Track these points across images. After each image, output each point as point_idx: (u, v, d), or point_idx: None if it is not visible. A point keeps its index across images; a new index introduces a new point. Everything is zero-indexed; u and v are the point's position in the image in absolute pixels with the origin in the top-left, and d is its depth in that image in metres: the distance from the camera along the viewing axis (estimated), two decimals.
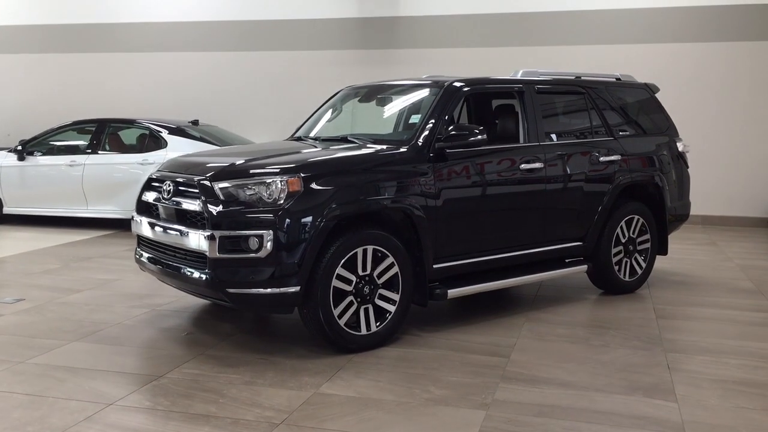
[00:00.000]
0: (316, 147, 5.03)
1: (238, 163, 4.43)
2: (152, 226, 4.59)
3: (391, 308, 4.40)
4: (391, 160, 4.57)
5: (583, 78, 5.89)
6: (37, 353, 4.29)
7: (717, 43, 10.05)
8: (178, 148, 8.48)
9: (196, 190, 4.26)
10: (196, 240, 4.14)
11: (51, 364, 4.11)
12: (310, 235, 4.05)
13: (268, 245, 3.99)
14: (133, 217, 4.89)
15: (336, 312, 4.17)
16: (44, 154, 9.38)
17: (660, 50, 10.19)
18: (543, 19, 10.58)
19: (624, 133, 5.92)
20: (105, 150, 9.17)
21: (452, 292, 4.68)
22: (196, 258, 4.22)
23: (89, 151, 9.15)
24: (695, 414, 3.47)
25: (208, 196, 4.17)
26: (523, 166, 5.09)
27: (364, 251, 4.26)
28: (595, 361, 4.23)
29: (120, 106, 11.75)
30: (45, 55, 12.64)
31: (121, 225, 9.03)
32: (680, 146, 6.35)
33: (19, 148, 9.39)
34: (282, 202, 4.07)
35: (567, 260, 5.52)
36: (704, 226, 10.00)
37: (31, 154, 9.35)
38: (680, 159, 6.33)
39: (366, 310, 4.32)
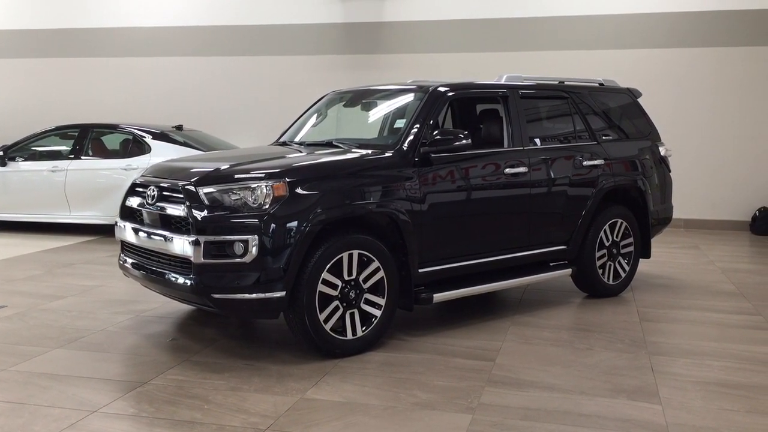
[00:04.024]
0: (301, 152, 5.03)
1: (222, 168, 4.41)
2: (136, 231, 4.56)
3: (377, 313, 4.40)
4: (376, 165, 4.57)
5: (566, 83, 5.94)
6: (20, 360, 4.25)
7: (700, 48, 10.17)
8: (161, 153, 8.44)
9: (181, 195, 4.24)
10: (181, 245, 4.12)
11: (34, 371, 4.07)
12: (296, 240, 4.04)
13: (254, 250, 3.98)
14: (116, 222, 4.86)
15: (322, 317, 4.17)
16: (26, 159, 9.29)
17: (643, 56, 10.29)
18: (527, 25, 10.66)
19: (607, 137, 5.97)
20: (88, 155, 9.09)
21: (438, 297, 4.69)
22: (180, 263, 4.20)
23: (72, 156, 9.07)
24: (679, 416, 3.50)
25: (193, 201, 4.15)
26: (507, 170, 5.11)
27: (350, 256, 4.26)
28: (580, 364, 4.26)
29: (103, 111, 11.67)
30: (27, 59, 12.54)
31: (104, 231, 8.96)
32: (662, 150, 6.42)
33: (1, 153, 9.29)
34: (267, 207, 4.06)
35: (551, 264, 5.56)
36: (687, 230, 10.10)
37: (12, 159, 9.26)
38: (662, 163, 6.39)
39: (352, 315, 4.32)
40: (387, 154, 4.65)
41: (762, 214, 9.93)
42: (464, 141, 4.70)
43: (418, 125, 4.78)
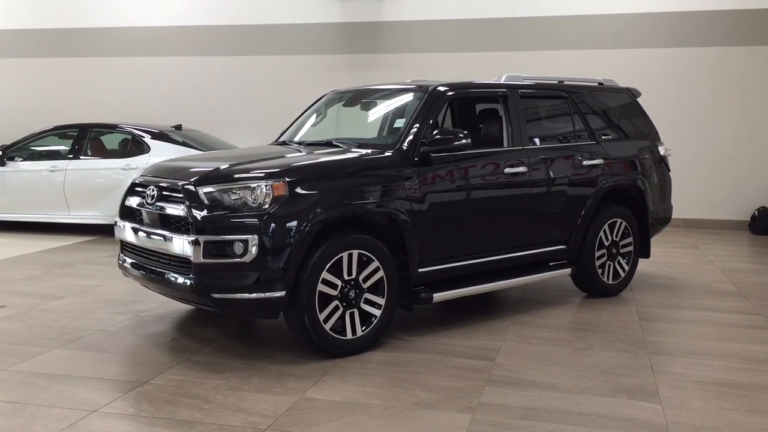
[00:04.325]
0: (300, 151, 5.02)
1: (222, 167, 4.41)
2: (136, 231, 4.55)
3: (377, 312, 4.40)
4: (376, 165, 4.57)
5: (565, 83, 5.94)
6: (19, 360, 4.25)
7: (699, 48, 10.18)
8: (161, 153, 8.44)
9: (180, 195, 4.23)
10: (181, 245, 4.12)
11: (33, 371, 4.07)
12: (296, 240, 4.04)
13: (253, 250, 3.98)
14: (116, 222, 4.85)
15: (321, 316, 4.17)
16: (25, 159, 9.28)
17: (643, 55, 10.30)
18: (526, 24, 10.66)
19: (606, 137, 5.97)
20: (87, 155, 9.08)
21: (437, 296, 4.69)
22: (180, 263, 4.19)
23: (71, 156, 9.07)
24: (679, 415, 3.50)
25: (193, 200, 4.15)
26: (507, 170, 5.11)
27: (350, 255, 4.26)
28: (580, 363, 4.26)
29: (102, 110, 11.66)
30: (26, 59, 12.53)
31: (104, 231, 8.95)
32: (662, 150, 6.42)
33: (0, 153, 9.29)
34: (267, 206, 4.06)
35: (551, 263, 5.56)
36: (686, 230, 10.10)
37: (11, 159, 9.26)
38: (662, 163, 6.39)
39: (351, 315, 4.31)
40: (387, 154, 4.65)
41: (761, 214, 9.93)
42: (464, 141, 4.70)
43: (417, 125, 4.78)
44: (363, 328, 4.36)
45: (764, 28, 9.97)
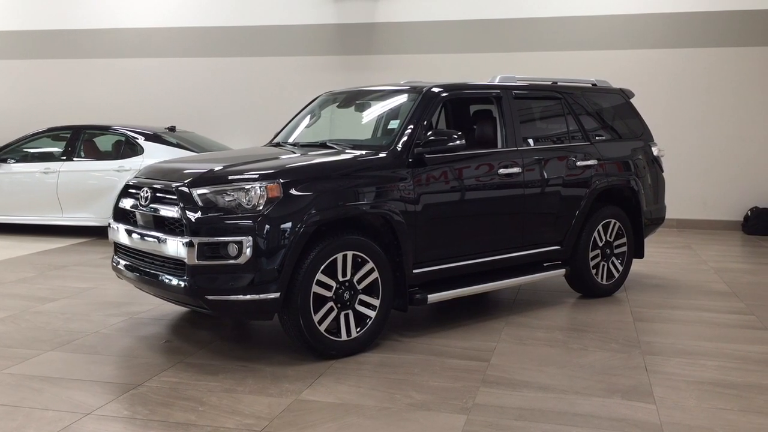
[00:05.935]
0: (294, 153, 5.02)
1: (216, 169, 4.40)
2: (129, 233, 4.54)
3: (372, 314, 4.40)
4: (370, 166, 4.57)
5: (559, 83, 5.96)
6: (13, 363, 4.23)
7: (692, 49, 10.22)
8: (154, 154, 8.42)
9: (174, 197, 4.22)
10: (175, 247, 4.11)
11: (27, 374, 4.05)
12: (290, 241, 4.03)
13: (248, 251, 3.97)
14: (110, 224, 4.84)
15: (316, 318, 4.16)
16: (18, 161, 9.24)
17: (637, 56, 10.34)
18: (520, 25, 10.68)
19: (600, 137, 5.98)
20: (80, 157, 9.06)
21: (432, 297, 4.69)
22: (174, 265, 4.18)
23: (64, 158, 9.04)
24: (673, 415, 3.51)
25: (187, 202, 4.14)
26: (501, 171, 5.12)
27: (344, 257, 4.26)
28: (574, 364, 4.27)
29: (95, 112, 11.63)
30: (18, 61, 12.49)
31: (97, 233, 8.93)
32: (655, 151, 6.44)
33: None
34: (261, 208, 4.05)
35: (545, 264, 5.57)
36: (679, 230, 10.14)
37: (4, 161, 9.22)
38: (655, 163, 6.42)
39: (346, 316, 4.31)
40: (381, 155, 4.65)
41: (754, 214, 9.97)
42: (458, 142, 4.71)
43: (411, 126, 4.78)
44: (358, 330, 4.36)
45: (757, 29, 10.02)
